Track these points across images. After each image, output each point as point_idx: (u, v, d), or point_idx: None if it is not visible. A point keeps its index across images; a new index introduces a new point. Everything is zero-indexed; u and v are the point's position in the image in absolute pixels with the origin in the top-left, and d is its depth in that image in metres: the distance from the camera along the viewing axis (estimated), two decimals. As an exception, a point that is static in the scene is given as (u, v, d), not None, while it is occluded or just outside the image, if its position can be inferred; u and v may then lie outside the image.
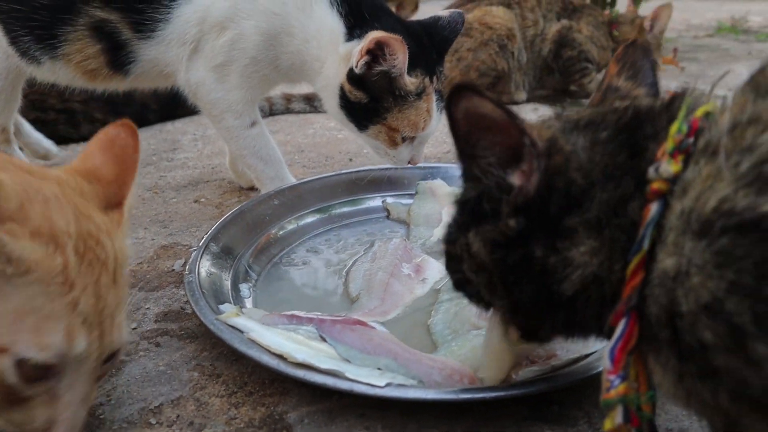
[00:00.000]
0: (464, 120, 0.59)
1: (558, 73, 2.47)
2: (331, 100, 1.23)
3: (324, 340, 0.84)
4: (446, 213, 1.26)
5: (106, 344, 0.68)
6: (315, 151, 1.89)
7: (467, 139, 0.60)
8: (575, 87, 2.55)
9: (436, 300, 1.03)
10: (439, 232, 1.22)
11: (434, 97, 1.22)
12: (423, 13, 4.00)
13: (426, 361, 0.83)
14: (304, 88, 1.97)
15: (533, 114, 2.31)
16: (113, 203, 0.74)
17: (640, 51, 0.70)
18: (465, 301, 0.98)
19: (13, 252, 0.58)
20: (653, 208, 0.52)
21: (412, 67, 1.15)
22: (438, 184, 1.36)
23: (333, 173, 1.42)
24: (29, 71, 1.39)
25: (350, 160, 1.83)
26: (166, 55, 1.25)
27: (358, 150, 1.90)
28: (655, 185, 0.52)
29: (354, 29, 1.17)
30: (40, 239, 0.60)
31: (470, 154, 0.61)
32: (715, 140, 0.50)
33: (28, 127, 1.71)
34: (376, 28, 1.13)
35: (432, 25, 1.26)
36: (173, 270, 1.20)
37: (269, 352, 0.78)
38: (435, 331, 0.95)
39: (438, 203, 1.32)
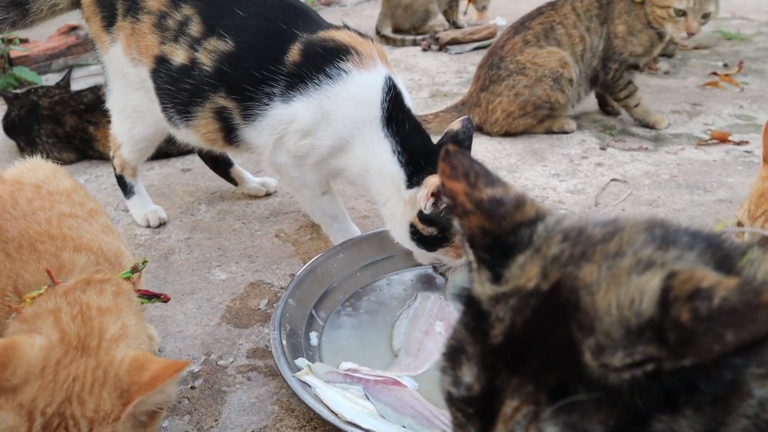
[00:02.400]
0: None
1: (602, 87, 2.68)
2: (399, 231, 1.51)
3: (368, 398, 1.16)
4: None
5: None
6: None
7: None
8: (621, 107, 2.73)
9: (459, 357, 1.33)
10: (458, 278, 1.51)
11: None
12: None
13: (442, 418, 1.15)
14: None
15: (579, 148, 2.52)
16: (128, 400, 0.87)
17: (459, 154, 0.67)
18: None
19: None
20: None
21: None
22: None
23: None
24: (171, 131, 1.78)
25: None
26: (259, 140, 1.57)
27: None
28: None
29: (413, 176, 1.44)
30: (20, 412, 0.82)
31: None
32: None
33: (247, 176, 2.15)
34: (431, 172, 1.39)
35: (457, 142, 1.46)
36: (259, 309, 1.55)
37: (328, 408, 1.11)
38: (454, 387, 1.25)
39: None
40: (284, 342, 1.30)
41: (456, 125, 1.50)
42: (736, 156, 2.44)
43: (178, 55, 1.60)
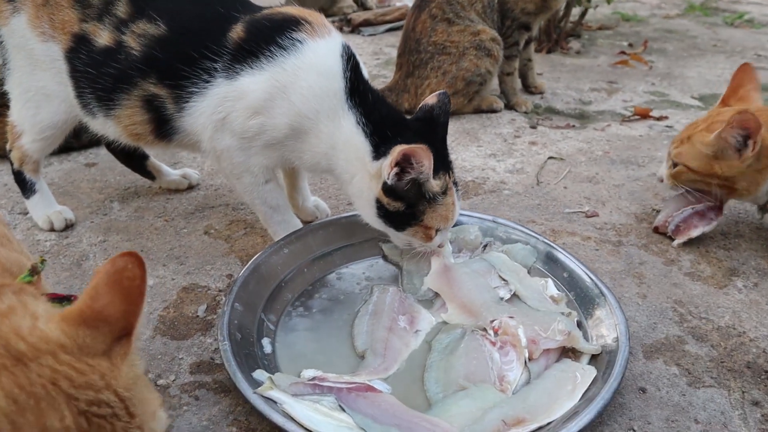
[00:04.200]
0: None
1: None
2: (367, 209, 1.37)
3: (343, 409, 1.03)
4: (434, 260, 1.45)
5: None
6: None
7: None
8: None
9: (429, 353, 1.23)
10: (428, 281, 1.41)
11: (454, 189, 1.36)
12: None
13: (423, 424, 1.04)
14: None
15: (510, 127, 2.48)
16: (121, 336, 0.76)
17: None
18: (452, 359, 1.19)
19: None
20: None
21: (435, 171, 1.28)
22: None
23: (333, 217, 1.59)
24: (84, 120, 1.55)
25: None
26: (196, 124, 1.39)
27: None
28: None
29: (379, 147, 1.30)
30: None
31: None
32: None
33: (166, 168, 1.92)
34: (399, 143, 1.26)
35: (430, 117, 1.37)
36: (198, 316, 1.37)
37: (302, 427, 0.98)
38: (428, 388, 1.15)
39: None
40: (236, 353, 1.14)
41: (431, 99, 1.38)
42: (659, 131, 2.48)
43: (102, 36, 1.40)
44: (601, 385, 1.10)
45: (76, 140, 2.18)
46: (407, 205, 1.31)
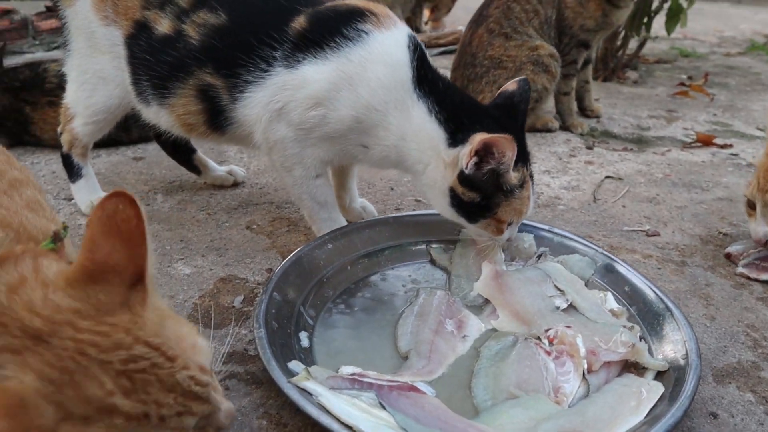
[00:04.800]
0: None
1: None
2: (440, 200, 1.31)
3: (384, 407, 0.95)
4: (486, 266, 1.36)
5: (202, 391, 0.71)
6: (357, 177, 1.98)
7: None
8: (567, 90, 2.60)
9: (477, 359, 1.14)
10: (479, 287, 1.32)
11: (531, 182, 1.30)
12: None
13: (470, 430, 0.94)
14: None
15: (566, 147, 2.39)
16: (134, 281, 0.71)
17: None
18: (503, 366, 1.10)
19: None
20: None
21: (514, 163, 1.22)
22: (476, 231, 1.42)
23: (381, 218, 1.52)
24: (138, 108, 1.54)
25: (392, 189, 1.93)
26: (251, 114, 1.35)
27: (399, 178, 2.00)
28: None
29: (456, 134, 1.25)
30: (93, 421, 0.63)
31: None
32: None
33: (212, 164, 1.90)
34: (477, 130, 1.20)
35: (510, 105, 1.31)
36: (234, 306, 1.31)
37: (338, 420, 0.89)
38: (476, 394, 1.05)
39: (477, 254, 1.41)
40: (272, 342, 1.07)
41: (512, 86, 1.32)
42: (723, 158, 2.36)
43: (162, 24, 1.38)
44: (670, 404, 0.99)
45: (126, 134, 2.19)
46: (482, 196, 1.25)
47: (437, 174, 1.29)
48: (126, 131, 2.15)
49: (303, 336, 1.17)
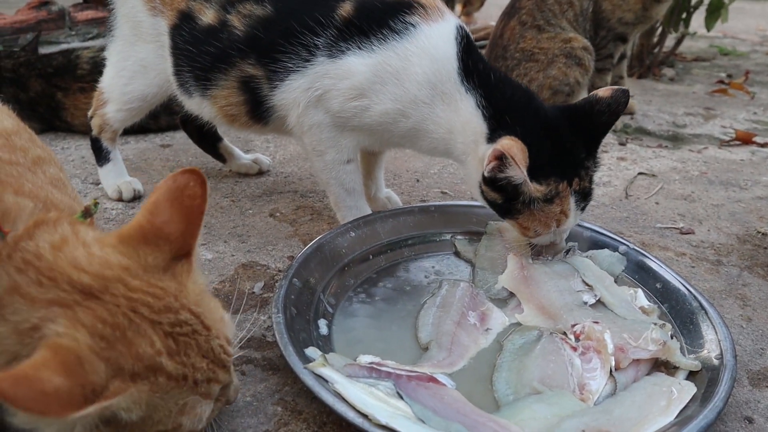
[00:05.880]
0: None
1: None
2: (474, 189, 1.30)
3: (401, 397, 0.92)
4: (511, 258, 1.32)
5: (228, 362, 0.77)
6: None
7: None
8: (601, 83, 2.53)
9: (500, 353, 1.10)
10: (504, 279, 1.29)
11: (572, 199, 1.22)
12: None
13: (490, 424, 0.91)
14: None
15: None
16: (181, 254, 0.74)
17: None
18: (527, 360, 1.06)
19: (127, 407, 0.64)
20: None
21: (544, 176, 1.18)
22: (507, 225, 1.37)
23: (405, 207, 1.49)
24: (180, 99, 1.53)
25: (417, 180, 1.90)
26: (289, 98, 1.33)
27: (426, 169, 1.97)
28: None
29: (496, 131, 1.21)
30: (140, 379, 0.65)
31: None
32: None
33: (237, 152, 1.90)
34: (517, 132, 1.16)
35: (587, 112, 1.23)
36: (254, 293, 1.30)
37: (354, 408, 0.87)
38: (497, 388, 1.02)
39: (503, 247, 1.38)
40: (290, 328, 1.05)
41: (604, 92, 1.23)
42: (763, 157, 2.28)
43: (207, 15, 1.37)
44: (702, 405, 0.94)
45: (154, 122, 2.20)
46: (504, 200, 1.22)
47: (473, 166, 1.27)
48: (154, 119, 2.16)
49: (322, 323, 1.15)
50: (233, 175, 1.88)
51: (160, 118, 2.19)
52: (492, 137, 1.21)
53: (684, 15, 3.28)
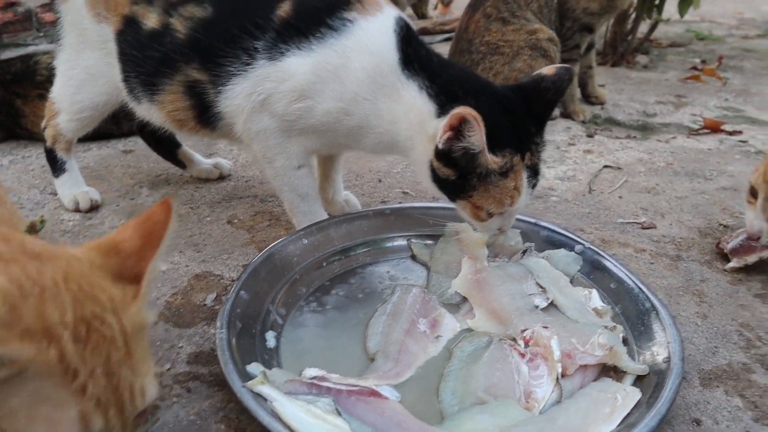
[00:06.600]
0: None
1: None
2: (423, 174, 1.27)
3: (339, 413, 0.91)
4: (466, 262, 1.31)
5: (128, 413, 0.70)
6: (345, 168, 1.94)
7: None
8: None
9: (449, 361, 1.09)
10: (457, 284, 1.27)
11: (524, 174, 1.21)
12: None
13: (432, 438, 0.90)
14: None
15: (565, 135, 2.32)
16: (131, 275, 0.74)
17: None
18: (474, 368, 1.05)
19: (3, 356, 0.59)
20: None
21: (500, 147, 1.16)
22: (465, 227, 1.35)
23: (360, 211, 1.48)
24: (130, 106, 1.50)
25: (379, 181, 1.88)
26: (232, 105, 1.30)
27: (388, 169, 1.95)
28: None
29: (446, 106, 1.19)
30: (31, 337, 0.62)
31: None
32: None
33: (197, 157, 1.87)
34: (471, 104, 1.13)
35: (533, 89, 1.23)
36: (205, 305, 1.28)
37: (289, 428, 0.86)
38: (443, 399, 1.01)
39: (460, 250, 1.36)
40: (234, 343, 1.03)
41: (549, 70, 1.23)
42: (731, 145, 2.27)
43: (150, 19, 1.34)
44: (646, 410, 0.93)
45: (117, 128, 2.16)
46: (458, 175, 1.19)
47: (421, 147, 1.24)
48: (117, 124, 2.13)
49: (270, 336, 1.13)
50: (194, 181, 1.86)
51: (122, 124, 2.16)
52: (443, 112, 1.19)
53: (657, 1, 3.26)
